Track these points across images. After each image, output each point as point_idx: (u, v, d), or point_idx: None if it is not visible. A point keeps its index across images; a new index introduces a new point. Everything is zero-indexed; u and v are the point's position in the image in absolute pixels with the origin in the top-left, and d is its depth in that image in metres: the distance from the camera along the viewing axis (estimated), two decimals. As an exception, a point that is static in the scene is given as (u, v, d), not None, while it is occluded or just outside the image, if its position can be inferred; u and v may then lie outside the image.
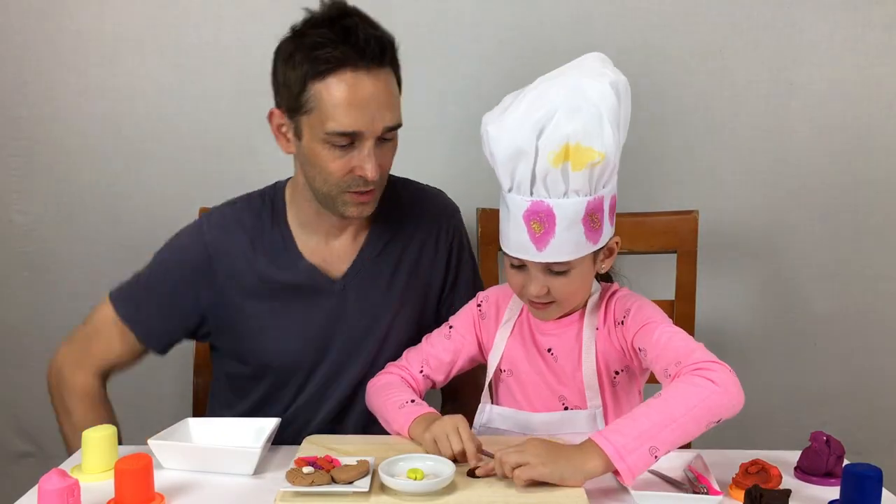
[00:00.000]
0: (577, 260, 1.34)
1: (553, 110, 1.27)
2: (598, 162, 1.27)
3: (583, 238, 1.32)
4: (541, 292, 1.36)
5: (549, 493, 1.19)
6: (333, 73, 1.39)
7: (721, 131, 2.06)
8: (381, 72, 1.42)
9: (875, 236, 2.10)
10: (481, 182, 2.04)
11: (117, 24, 2.02)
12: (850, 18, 2.02)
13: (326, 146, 1.43)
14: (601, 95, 1.28)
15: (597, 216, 1.32)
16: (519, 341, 1.48)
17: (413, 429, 1.38)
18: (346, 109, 1.39)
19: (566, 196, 1.29)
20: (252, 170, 1.97)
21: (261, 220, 1.60)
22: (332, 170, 1.45)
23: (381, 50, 1.41)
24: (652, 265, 1.87)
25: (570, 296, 1.39)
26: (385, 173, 1.51)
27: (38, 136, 2.07)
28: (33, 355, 2.10)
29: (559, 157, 1.27)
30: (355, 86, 1.39)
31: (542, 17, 2.02)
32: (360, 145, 1.43)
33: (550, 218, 1.30)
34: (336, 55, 1.38)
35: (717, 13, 2.02)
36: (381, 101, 1.42)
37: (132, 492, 1.16)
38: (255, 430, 1.38)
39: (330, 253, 1.61)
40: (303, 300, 1.58)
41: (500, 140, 1.30)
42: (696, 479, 1.25)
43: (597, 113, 1.27)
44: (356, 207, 1.50)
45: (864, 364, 2.14)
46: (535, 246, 1.31)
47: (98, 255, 2.10)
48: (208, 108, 2.05)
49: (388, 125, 1.44)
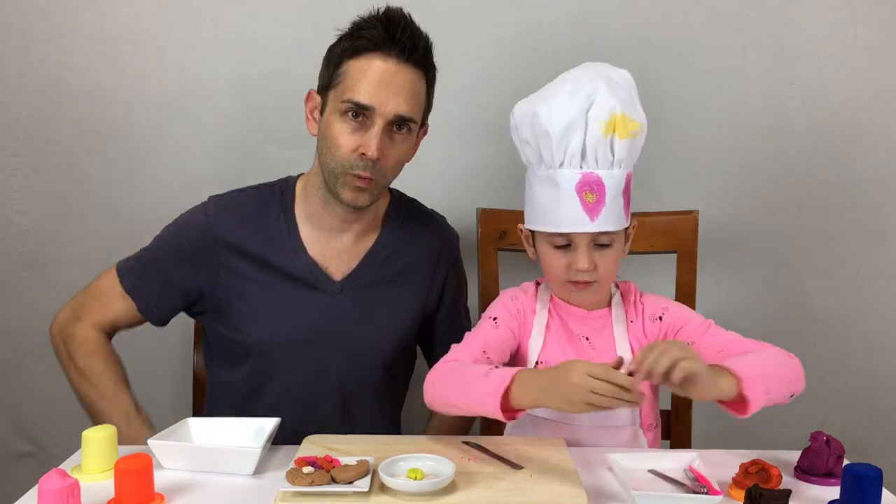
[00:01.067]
0: (618, 234, 1.44)
1: (596, 88, 1.39)
2: (639, 132, 1.41)
3: (622, 211, 1.43)
4: (590, 266, 1.42)
5: (550, 493, 1.19)
6: (367, 52, 1.50)
7: (721, 131, 2.06)
8: (410, 67, 1.51)
9: (874, 236, 2.10)
10: (481, 182, 2.06)
11: (117, 24, 2.02)
12: (850, 17, 2.02)
13: (341, 118, 1.51)
14: (625, 78, 1.44)
15: (629, 192, 1.45)
16: (556, 331, 1.52)
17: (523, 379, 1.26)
18: (366, 84, 1.49)
19: (612, 167, 1.40)
20: (252, 170, 1.97)
21: (268, 209, 1.64)
22: (340, 143, 1.51)
23: (414, 46, 1.50)
24: (652, 265, 1.87)
25: (611, 274, 1.47)
26: (389, 166, 1.54)
27: (38, 136, 2.06)
28: (33, 355, 2.11)
29: (609, 126, 1.38)
30: (381, 67, 1.49)
31: (542, 17, 2.02)
32: (370, 124, 1.50)
33: (601, 188, 1.40)
34: (373, 35, 1.49)
35: (715, 12, 2.02)
36: (401, 89, 1.50)
37: (132, 492, 1.16)
38: (255, 430, 1.39)
39: (331, 251, 1.63)
40: (298, 292, 1.60)
41: (551, 116, 1.40)
42: (695, 479, 1.25)
43: (629, 90, 1.43)
44: (352, 192, 1.53)
45: (864, 364, 2.14)
46: (589, 216, 1.40)
47: (98, 255, 2.09)
48: (208, 107, 2.05)
49: (399, 112, 1.50)
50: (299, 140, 1.78)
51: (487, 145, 2.06)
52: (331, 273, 1.62)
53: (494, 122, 2.03)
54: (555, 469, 1.28)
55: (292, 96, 1.98)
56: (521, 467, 1.28)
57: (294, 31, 2.02)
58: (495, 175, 2.05)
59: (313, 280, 1.61)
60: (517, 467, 1.28)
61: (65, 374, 1.65)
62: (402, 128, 1.52)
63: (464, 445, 1.38)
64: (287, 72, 2.02)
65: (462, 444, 1.39)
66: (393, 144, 1.53)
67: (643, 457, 1.33)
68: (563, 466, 1.28)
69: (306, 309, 1.60)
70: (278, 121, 2.04)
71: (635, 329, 1.50)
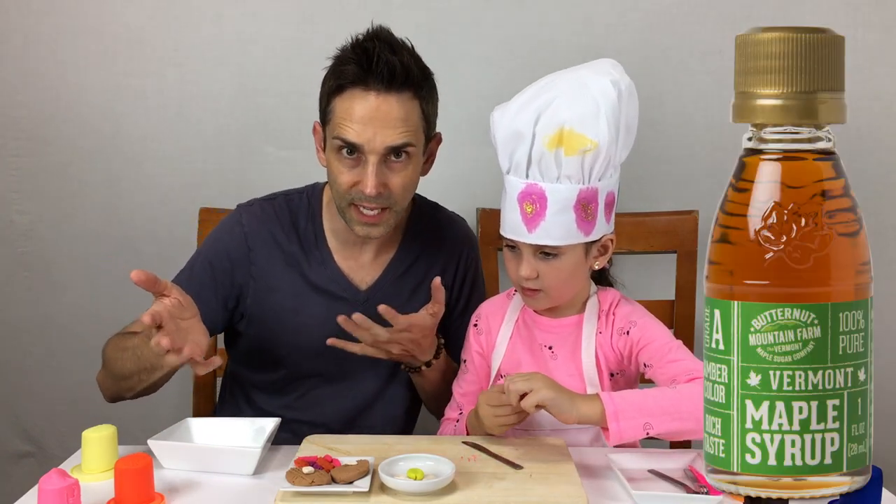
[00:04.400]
0: (567, 247, 1.38)
1: (553, 98, 1.35)
2: (590, 150, 1.33)
3: (574, 226, 1.36)
4: (530, 275, 1.39)
5: (549, 493, 1.19)
6: (347, 89, 1.48)
7: (721, 132, 2.06)
8: (393, 96, 1.47)
9: (875, 236, 2.07)
10: (481, 182, 2.05)
11: (117, 24, 2.02)
12: (850, 18, 2.02)
13: (337, 157, 1.50)
14: (601, 90, 1.35)
15: (590, 207, 1.37)
16: (519, 340, 1.50)
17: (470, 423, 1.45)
18: (351, 122, 1.47)
19: (559, 181, 1.35)
20: (252, 170, 1.97)
21: (297, 218, 1.64)
22: (340, 181, 1.51)
23: (392, 75, 1.46)
24: (652, 265, 1.87)
25: (559, 285, 1.42)
26: (397, 193, 1.52)
27: (38, 136, 2.06)
28: (33, 355, 2.11)
29: (553, 140, 1.33)
30: (362, 103, 1.47)
31: (542, 18, 2.02)
32: (364, 161, 1.48)
33: (542, 201, 1.35)
34: (350, 71, 1.47)
35: (717, 13, 2.02)
36: (386, 121, 1.47)
37: (132, 492, 1.16)
38: (255, 430, 1.39)
39: (356, 262, 1.64)
40: (327, 302, 1.60)
41: (501, 123, 1.39)
42: (695, 479, 1.25)
43: (594, 104, 1.34)
44: (362, 227, 1.53)
45: (864, 364, 2.13)
46: (526, 227, 1.37)
47: (98, 255, 2.09)
48: (208, 107, 2.05)
49: (389, 144, 1.47)
50: (299, 140, 1.78)
51: (487, 145, 2.03)
52: (356, 283, 1.63)
53: (494, 122, 2.04)
54: (555, 469, 1.28)
55: (292, 96, 1.99)
56: (521, 467, 1.28)
57: (294, 31, 2.02)
58: (495, 175, 2.03)
59: (340, 290, 1.62)
60: (517, 467, 1.28)
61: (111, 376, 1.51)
62: (400, 155, 1.50)
63: (464, 445, 1.38)
64: (287, 72, 2.01)
65: (462, 444, 1.39)
66: (393, 173, 1.50)
67: (643, 457, 1.33)
68: (563, 466, 1.29)
69: (333, 319, 1.59)
70: (278, 121, 2.04)
71: (603, 340, 1.45)
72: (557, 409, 1.27)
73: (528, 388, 1.27)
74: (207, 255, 1.63)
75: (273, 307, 1.61)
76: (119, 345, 1.48)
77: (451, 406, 1.58)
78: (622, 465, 1.29)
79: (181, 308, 1.32)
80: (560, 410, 1.27)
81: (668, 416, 1.26)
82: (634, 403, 1.26)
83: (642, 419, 1.25)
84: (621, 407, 1.26)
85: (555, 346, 1.47)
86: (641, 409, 1.26)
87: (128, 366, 1.44)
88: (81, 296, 2.07)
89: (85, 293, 2.07)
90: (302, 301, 1.61)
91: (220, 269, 1.61)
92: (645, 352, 1.40)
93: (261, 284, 1.61)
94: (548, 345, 1.47)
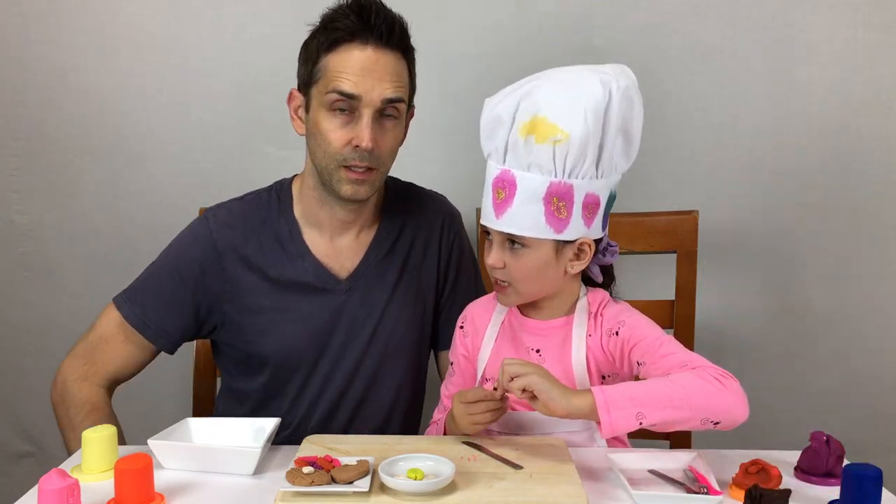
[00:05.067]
0: (533, 240, 1.36)
1: (536, 87, 1.35)
2: (561, 140, 1.31)
3: (542, 219, 1.35)
4: (496, 264, 1.39)
5: (549, 493, 1.19)
6: (343, 43, 1.48)
7: (721, 131, 2.06)
8: (389, 51, 1.49)
9: (875, 236, 2.10)
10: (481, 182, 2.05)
11: (117, 24, 2.02)
12: (850, 18, 2.02)
13: (328, 114, 1.49)
14: (587, 85, 1.34)
15: (562, 204, 1.34)
16: (505, 343, 1.48)
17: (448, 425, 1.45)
18: (349, 74, 1.47)
19: (529, 169, 1.34)
20: (252, 170, 1.97)
21: (268, 214, 1.62)
22: (331, 139, 1.49)
23: (390, 30, 1.48)
24: (652, 265, 1.87)
25: (525, 279, 1.40)
26: (385, 154, 1.53)
27: (38, 136, 2.07)
28: (33, 355, 2.11)
29: (526, 127, 1.34)
30: (360, 55, 1.48)
31: (542, 17, 2.02)
32: (358, 115, 1.48)
33: (512, 188, 1.35)
34: (347, 25, 1.48)
35: (717, 13, 2.02)
36: (384, 74, 1.48)
37: (132, 492, 1.16)
38: (254, 430, 1.38)
39: (335, 250, 1.62)
40: (308, 296, 1.59)
41: (486, 108, 1.41)
42: (695, 479, 1.25)
43: (575, 97, 1.33)
44: (351, 185, 1.52)
45: (864, 364, 2.13)
46: (495, 213, 1.37)
47: (98, 254, 2.10)
48: (208, 107, 2.05)
49: (387, 96, 1.48)
50: (299, 140, 1.77)
51: (487, 145, 2.05)
52: (336, 272, 1.61)
53: (494, 122, 2.04)
54: (555, 469, 1.27)
55: (292, 96, 1.99)
56: (521, 467, 1.28)
57: (294, 31, 2.01)
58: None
59: (321, 283, 1.60)
60: (517, 467, 1.28)
61: (60, 430, 1.59)
62: (392, 113, 1.51)
63: (464, 445, 1.38)
64: (287, 72, 2.00)
65: (462, 444, 1.39)
66: (384, 132, 1.51)
67: (643, 457, 1.33)
68: (563, 466, 1.28)
69: (316, 313, 1.59)
70: (278, 121, 2.03)
71: (593, 343, 1.42)
72: (547, 397, 1.25)
73: (520, 372, 1.28)
74: (175, 264, 1.60)
75: (251, 309, 1.59)
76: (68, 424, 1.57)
77: (438, 408, 1.57)
78: (622, 465, 1.29)
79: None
80: (550, 398, 1.25)
81: (660, 405, 1.24)
82: (626, 394, 1.25)
83: (634, 409, 1.23)
84: (612, 398, 1.24)
85: (542, 349, 1.45)
86: (633, 399, 1.24)
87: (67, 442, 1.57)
88: (81, 296, 2.07)
89: (85, 293, 2.07)
90: (279, 301, 1.59)
91: (191, 278, 1.58)
92: (637, 350, 1.38)
93: (235, 288, 1.59)
94: (535, 348, 1.45)
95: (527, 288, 1.41)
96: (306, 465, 1.23)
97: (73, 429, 1.54)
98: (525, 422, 1.44)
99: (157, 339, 1.60)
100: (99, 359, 1.59)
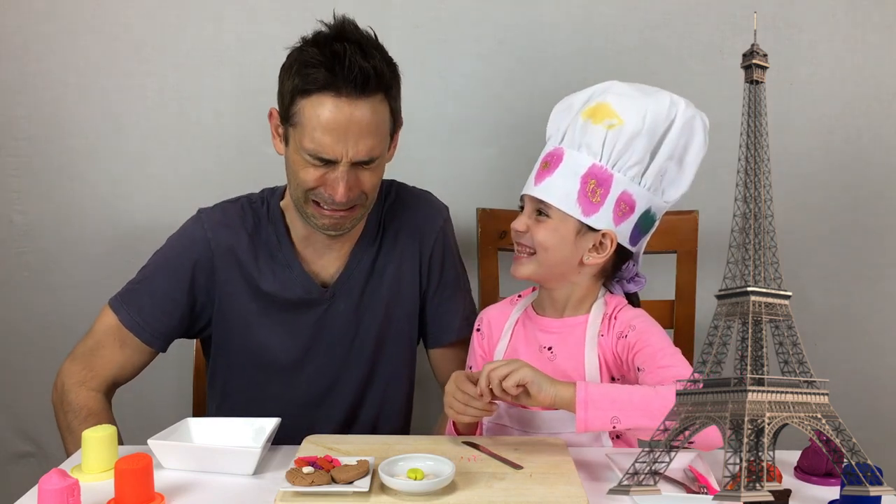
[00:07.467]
0: (559, 213, 1.41)
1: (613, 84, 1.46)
2: (615, 125, 1.39)
3: (574, 196, 1.40)
4: (519, 227, 1.44)
5: (549, 493, 1.19)
6: (316, 94, 1.42)
7: (721, 132, 2.06)
8: (365, 101, 1.43)
9: (875, 236, 2.10)
10: (481, 182, 2.05)
11: (117, 24, 2.02)
12: (850, 18, 2.02)
13: (303, 158, 1.46)
14: (659, 96, 1.44)
15: (598, 190, 1.40)
16: (519, 341, 1.51)
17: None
18: (322, 134, 1.42)
19: (579, 149, 1.41)
20: (252, 170, 1.97)
21: (259, 220, 1.62)
22: (303, 177, 1.47)
23: (365, 80, 1.41)
24: (652, 265, 1.87)
25: (546, 246, 1.42)
26: (368, 192, 1.52)
27: (38, 136, 2.06)
28: (33, 355, 2.11)
29: (589, 111, 1.43)
30: (334, 112, 1.42)
31: (542, 18, 2.02)
32: (334, 166, 1.45)
33: (557, 161, 1.42)
34: (320, 78, 1.41)
35: (717, 13, 2.02)
36: (359, 131, 1.43)
37: (132, 492, 1.16)
38: (254, 430, 1.39)
39: (318, 256, 1.63)
40: (293, 306, 1.61)
41: (563, 99, 1.51)
42: (695, 479, 1.25)
43: (643, 98, 1.42)
44: (327, 229, 1.52)
45: (864, 364, 2.13)
46: (535, 181, 1.44)
47: (98, 254, 2.09)
48: (208, 108, 2.05)
49: (361, 158, 1.45)
50: (299, 140, 1.77)
51: (487, 145, 2.05)
52: (322, 278, 1.62)
53: (494, 122, 2.03)
54: (555, 469, 1.28)
55: (292, 96, 1.98)
56: (521, 467, 1.28)
57: (294, 31, 2.01)
58: (495, 175, 2.05)
59: (306, 292, 1.61)
60: (517, 467, 1.28)
61: (60, 434, 1.59)
62: (371, 161, 1.47)
63: (464, 445, 1.38)
64: (287, 72, 2.01)
65: (462, 444, 1.39)
66: (363, 177, 1.48)
67: (643, 457, 1.33)
68: (563, 466, 1.28)
69: (301, 321, 1.61)
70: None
71: (605, 344, 1.45)
72: (537, 388, 1.29)
73: (509, 370, 1.30)
74: (169, 264, 1.61)
75: (238, 311, 1.61)
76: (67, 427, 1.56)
77: None
78: (622, 465, 1.29)
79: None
80: (539, 389, 1.29)
81: (638, 412, 1.26)
82: (608, 395, 1.28)
83: (612, 412, 1.27)
84: (594, 397, 1.27)
85: (554, 346, 1.47)
86: (614, 401, 1.27)
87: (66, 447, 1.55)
88: (81, 296, 2.07)
89: (85, 293, 2.07)
90: (266, 307, 1.60)
91: (185, 277, 1.59)
92: (639, 356, 1.40)
93: (225, 289, 1.60)
94: (548, 346, 1.47)
95: (545, 257, 1.44)
96: (306, 465, 1.23)
97: (71, 433, 1.54)
98: (535, 420, 1.45)
99: (153, 341, 1.60)
100: (97, 363, 1.59)
